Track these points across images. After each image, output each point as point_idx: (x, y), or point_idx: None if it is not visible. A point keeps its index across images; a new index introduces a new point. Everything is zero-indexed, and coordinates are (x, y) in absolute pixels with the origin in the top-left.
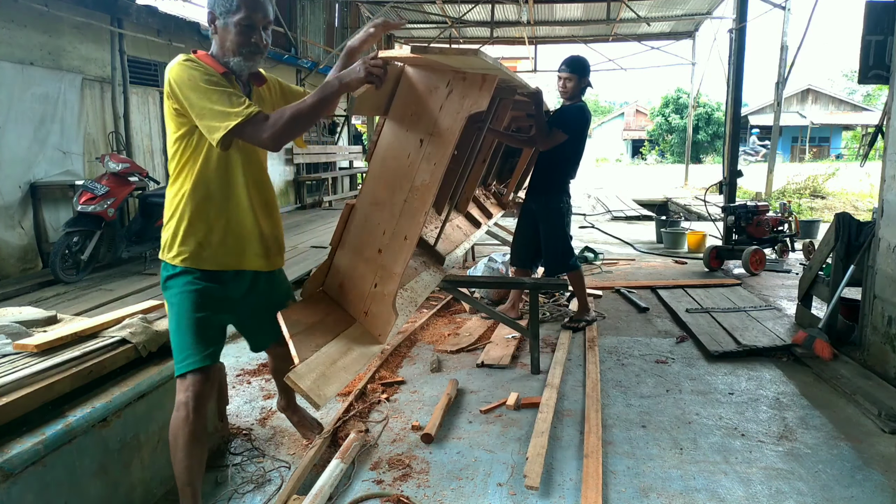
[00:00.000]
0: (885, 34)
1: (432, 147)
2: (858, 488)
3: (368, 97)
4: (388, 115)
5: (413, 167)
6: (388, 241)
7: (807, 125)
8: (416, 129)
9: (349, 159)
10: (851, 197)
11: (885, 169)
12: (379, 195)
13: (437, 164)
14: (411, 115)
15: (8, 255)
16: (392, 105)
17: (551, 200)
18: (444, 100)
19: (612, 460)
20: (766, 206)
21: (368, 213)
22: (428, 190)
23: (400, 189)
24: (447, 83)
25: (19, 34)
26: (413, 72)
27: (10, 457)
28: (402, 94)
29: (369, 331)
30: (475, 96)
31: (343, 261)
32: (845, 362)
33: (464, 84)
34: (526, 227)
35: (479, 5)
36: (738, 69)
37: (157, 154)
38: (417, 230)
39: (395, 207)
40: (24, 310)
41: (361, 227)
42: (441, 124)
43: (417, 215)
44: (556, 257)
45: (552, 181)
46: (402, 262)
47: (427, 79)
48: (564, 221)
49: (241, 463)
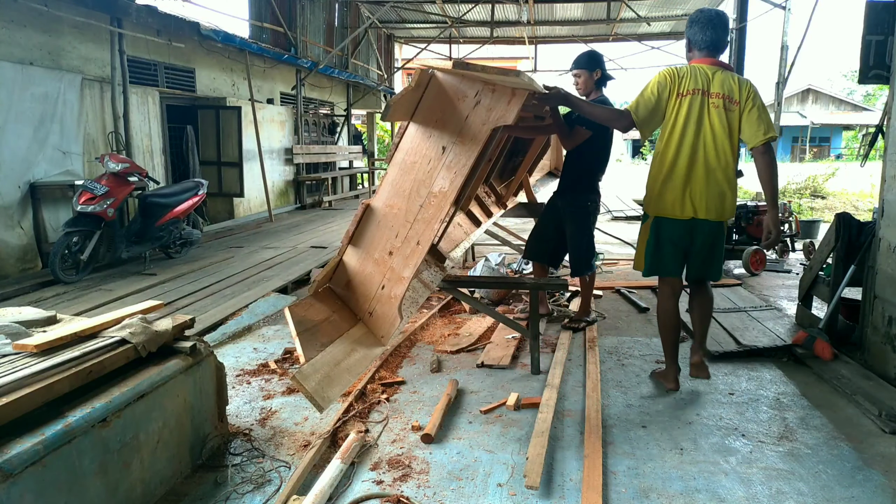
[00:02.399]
0: (886, 34)
1: (454, 156)
2: (859, 488)
3: (404, 102)
4: (413, 118)
5: (433, 174)
6: (399, 245)
7: (807, 125)
8: (440, 135)
9: (349, 159)
10: (852, 197)
11: (885, 169)
12: (395, 198)
13: (458, 173)
14: (436, 120)
15: (7, 256)
16: (418, 108)
17: (578, 198)
18: (470, 109)
19: (613, 460)
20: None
21: (383, 215)
22: (446, 198)
23: (417, 194)
24: (476, 93)
25: (19, 34)
26: (443, 77)
27: (10, 457)
28: (429, 99)
29: (372, 331)
30: (502, 109)
31: (353, 259)
32: (846, 362)
33: (492, 96)
34: (548, 222)
35: (479, 5)
36: (738, 69)
37: (156, 154)
38: (431, 236)
39: (411, 212)
40: (24, 310)
41: (375, 228)
42: (465, 134)
43: (432, 222)
44: (580, 258)
45: (580, 179)
46: (412, 266)
47: (456, 85)
48: (589, 221)
49: (241, 463)
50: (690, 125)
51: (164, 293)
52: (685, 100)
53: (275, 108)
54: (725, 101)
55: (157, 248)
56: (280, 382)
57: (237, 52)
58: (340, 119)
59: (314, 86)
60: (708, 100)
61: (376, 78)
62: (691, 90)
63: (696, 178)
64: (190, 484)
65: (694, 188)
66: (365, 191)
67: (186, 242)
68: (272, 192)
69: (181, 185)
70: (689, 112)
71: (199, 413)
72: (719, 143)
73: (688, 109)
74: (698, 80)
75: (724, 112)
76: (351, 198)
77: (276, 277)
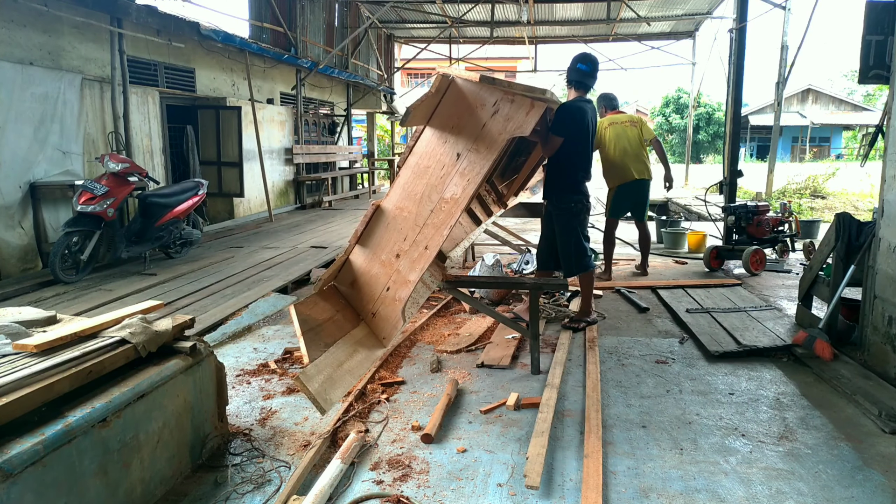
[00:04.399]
0: (886, 34)
1: (468, 163)
2: (859, 488)
3: (423, 108)
4: (429, 123)
5: (445, 179)
6: (407, 248)
7: (807, 125)
8: (456, 142)
9: (349, 159)
10: (852, 197)
11: (885, 169)
12: (406, 201)
13: (471, 181)
14: (452, 127)
15: (8, 255)
16: (435, 113)
17: (563, 199)
18: (488, 118)
19: (613, 460)
20: (767, 206)
21: (393, 217)
22: (457, 204)
23: (428, 199)
24: (495, 102)
25: (19, 34)
26: (463, 83)
27: (10, 457)
28: (447, 104)
29: (375, 332)
30: (520, 120)
31: (359, 259)
32: (845, 362)
33: (511, 106)
34: (547, 228)
35: (479, 5)
36: (738, 69)
37: (156, 154)
38: (440, 242)
39: (421, 216)
40: (24, 310)
41: (383, 229)
42: (482, 142)
43: (442, 228)
44: (570, 257)
45: (560, 181)
46: (418, 270)
47: (476, 93)
48: (577, 221)
49: (241, 463)
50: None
51: (164, 293)
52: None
53: (275, 108)
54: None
55: (157, 248)
56: (280, 382)
57: (237, 52)
58: (340, 119)
59: (314, 86)
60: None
61: (376, 78)
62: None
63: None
64: (190, 484)
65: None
66: (365, 191)
67: (186, 242)
68: (272, 192)
69: (181, 185)
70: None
71: (199, 413)
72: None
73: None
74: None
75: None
76: (351, 198)
77: (276, 277)
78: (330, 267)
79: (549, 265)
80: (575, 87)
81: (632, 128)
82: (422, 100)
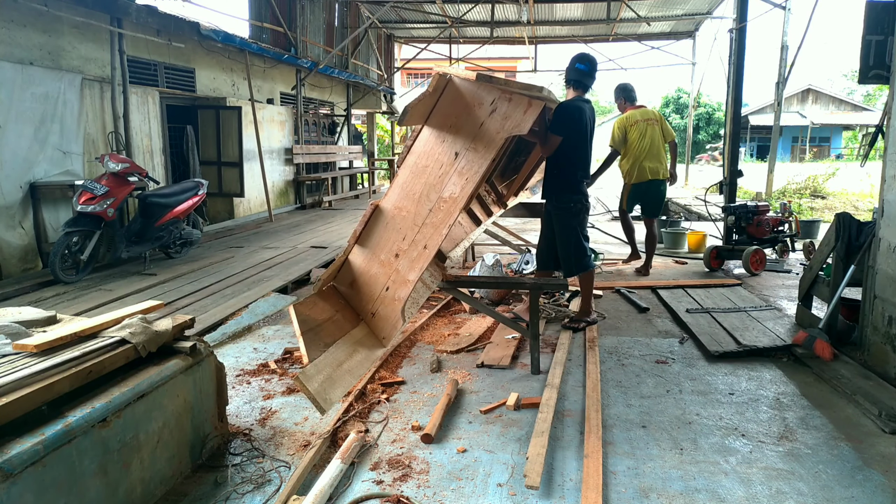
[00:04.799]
0: (886, 34)
1: (467, 162)
2: (859, 488)
3: (420, 107)
4: (427, 122)
5: (444, 179)
6: (406, 248)
7: (807, 125)
8: (454, 141)
9: (349, 159)
10: (852, 197)
11: (885, 169)
12: (405, 200)
13: (469, 179)
14: (450, 126)
15: (8, 255)
16: (433, 112)
17: (561, 198)
18: (486, 117)
19: (613, 460)
20: (767, 206)
21: (391, 217)
22: (455, 204)
23: (427, 198)
24: (493, 101)
25: (19, 34)
26: (460, 82)
27: (10, 457)
28: (444, 103)
29: (374, 332)
30: (518, 118)
31: (358, 258)
32: (845, 362)
33: (509, 105)
34: (547, 229)
35: (479, 5)
36: (738, 69)
37: (156, 154)
38: (439, 241)
39: (420, 216)
40: (24, 310)
41: (382, 229)
42: (479, 141)
43: (441, 227)
44: (569, 257)
45: (558, 181)
46: (417, 270)
47: (473, 91)
48: (576, 221)
49: (241, 463)
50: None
51: (164, 293)
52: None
53: (275, 108)
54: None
55: (157, 248)
56: (280, 382)
57: (237, 52)
58: (340, 119)
59: (314, 86)
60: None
61: (376, 78)
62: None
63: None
64: (190, 484)
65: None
66: (365, 191)
67: (186, 242)
68: (272, 192)
69: (181, 185)
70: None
71: (199, 413)
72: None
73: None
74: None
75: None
76: (351, 198)
77: (276, 277)
78: (329, 267)
79: (549, 265)
80: (573, 86)
81: (656, 126)
82: (419, 99)
